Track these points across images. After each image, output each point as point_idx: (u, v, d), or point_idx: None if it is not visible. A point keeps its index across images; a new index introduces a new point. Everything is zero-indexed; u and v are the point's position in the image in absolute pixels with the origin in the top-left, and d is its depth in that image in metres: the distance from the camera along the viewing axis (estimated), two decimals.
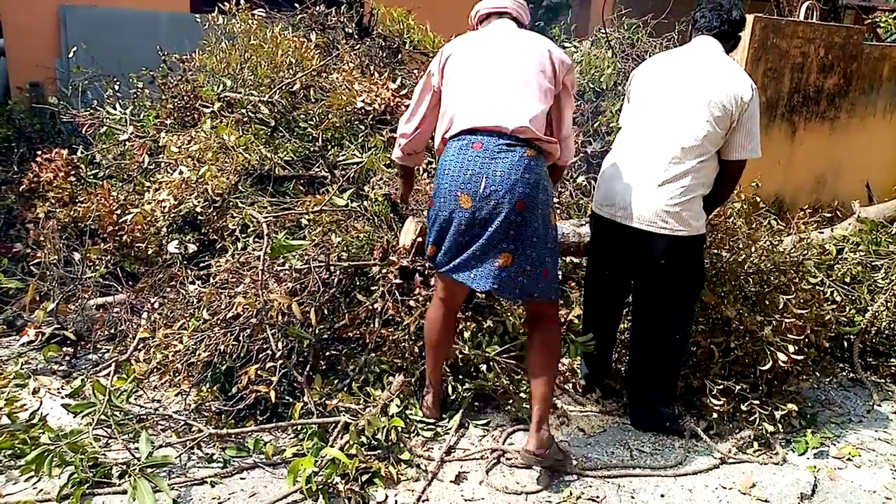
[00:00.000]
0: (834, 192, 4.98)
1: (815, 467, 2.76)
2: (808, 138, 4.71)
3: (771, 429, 2.88)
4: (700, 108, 2.63)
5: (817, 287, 3.45)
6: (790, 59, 4.42)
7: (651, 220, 2.67)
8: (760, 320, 3.03)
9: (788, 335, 3.00)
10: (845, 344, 3.60)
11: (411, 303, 2.95)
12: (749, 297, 3.19)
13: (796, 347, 2.97)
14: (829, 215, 4.53)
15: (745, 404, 2.92)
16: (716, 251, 3.30)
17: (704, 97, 2.63)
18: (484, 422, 2.86)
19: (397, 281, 2.97)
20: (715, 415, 2.92)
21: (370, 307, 2.93)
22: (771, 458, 2.79)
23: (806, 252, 3.57)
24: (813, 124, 4.71)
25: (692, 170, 2.64)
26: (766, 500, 2.54)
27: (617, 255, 2.88)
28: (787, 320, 3.04)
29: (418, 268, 3.05)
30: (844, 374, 3.57)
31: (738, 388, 2.97)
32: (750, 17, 4.24)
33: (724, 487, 2.60)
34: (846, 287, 3.71)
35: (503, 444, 2.72)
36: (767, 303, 3.13)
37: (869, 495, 2.63)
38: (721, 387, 2.97)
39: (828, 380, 3.49)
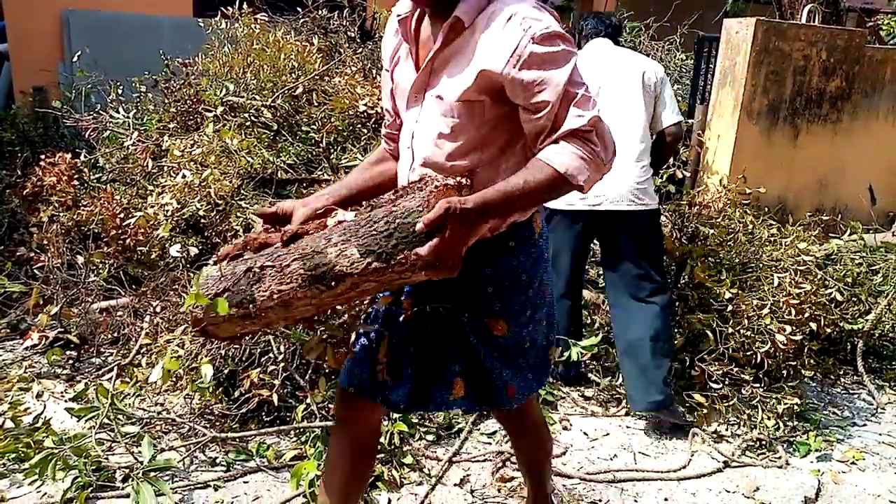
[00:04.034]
0: (837, 196, 4.97)
1: (818, 471, 2.75)
2: (811, 141, 4.71)
3: (773, 423, 2.90)
4: (637, 90, 2.99)
5: (815, 279, 3.44)
6: (792, 62, 4.42)
7: (630, 199, 2.92)
8: (755, 302, 3.06)
9: (785, 316, 3.03)
10: (848, 346, 3.59)
11: None
12: (744, 282, 3.22)
13: (793, 328, 3.00)
14: (827, 217, 4.52)
15: (747, 388, 2.93)
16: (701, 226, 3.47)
17: (636, 80, 2.99)
18: (487, 427, 2.86)
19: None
20: (716, 406, 2.94)
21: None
22: (774, 461, 2.78)
23: (802, 244, 3.57)
24: (815, 127, 4.70)
25: (647, 148, 3.00)
26: None
27: (584, 247, 3.08)
28: (782, 299, 3.07)
29: None
30: (847, 376, 3.57)
31: (736, 370, 3.00)
32: (752, 20, 4.26)
33: (728, 491, 2.60)
34: (847, 288, 3.70)
35: (508, 447, 2.72)
36: (763, 279, 3.19)
37: (874, 499, 2.63)
38: (720, 371, 3.00)
39: (831, 382, 3.49)
